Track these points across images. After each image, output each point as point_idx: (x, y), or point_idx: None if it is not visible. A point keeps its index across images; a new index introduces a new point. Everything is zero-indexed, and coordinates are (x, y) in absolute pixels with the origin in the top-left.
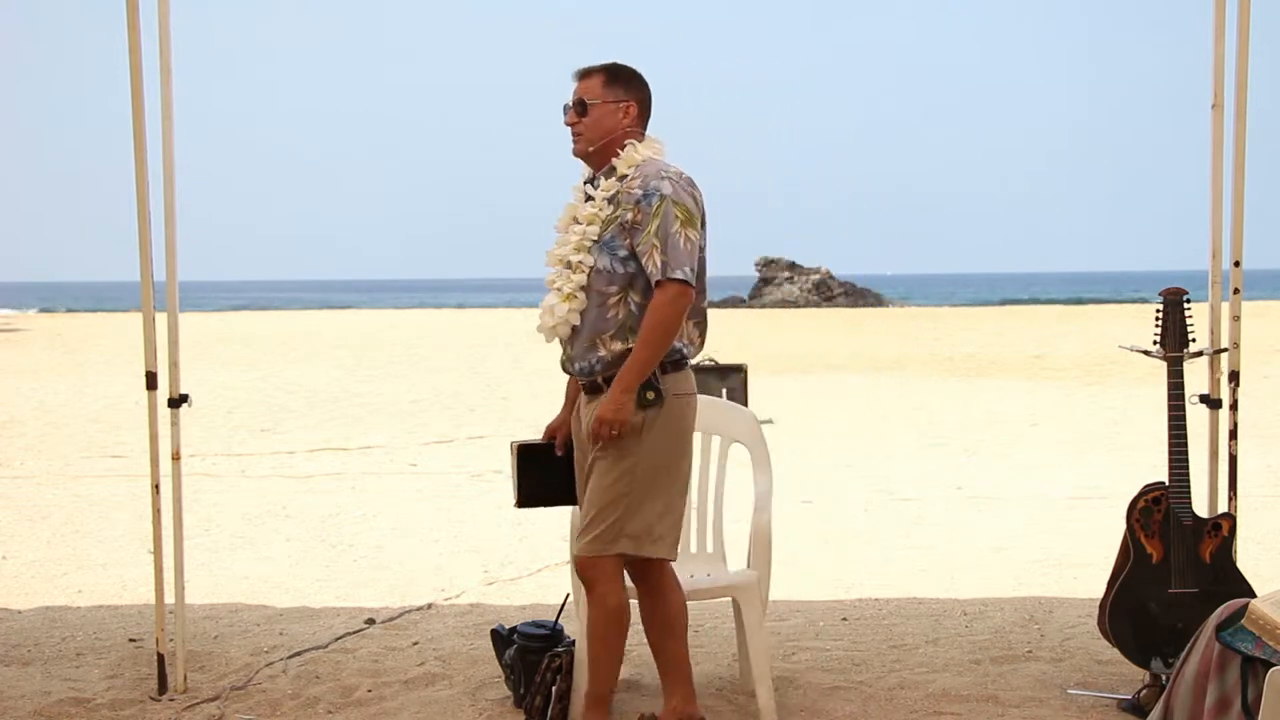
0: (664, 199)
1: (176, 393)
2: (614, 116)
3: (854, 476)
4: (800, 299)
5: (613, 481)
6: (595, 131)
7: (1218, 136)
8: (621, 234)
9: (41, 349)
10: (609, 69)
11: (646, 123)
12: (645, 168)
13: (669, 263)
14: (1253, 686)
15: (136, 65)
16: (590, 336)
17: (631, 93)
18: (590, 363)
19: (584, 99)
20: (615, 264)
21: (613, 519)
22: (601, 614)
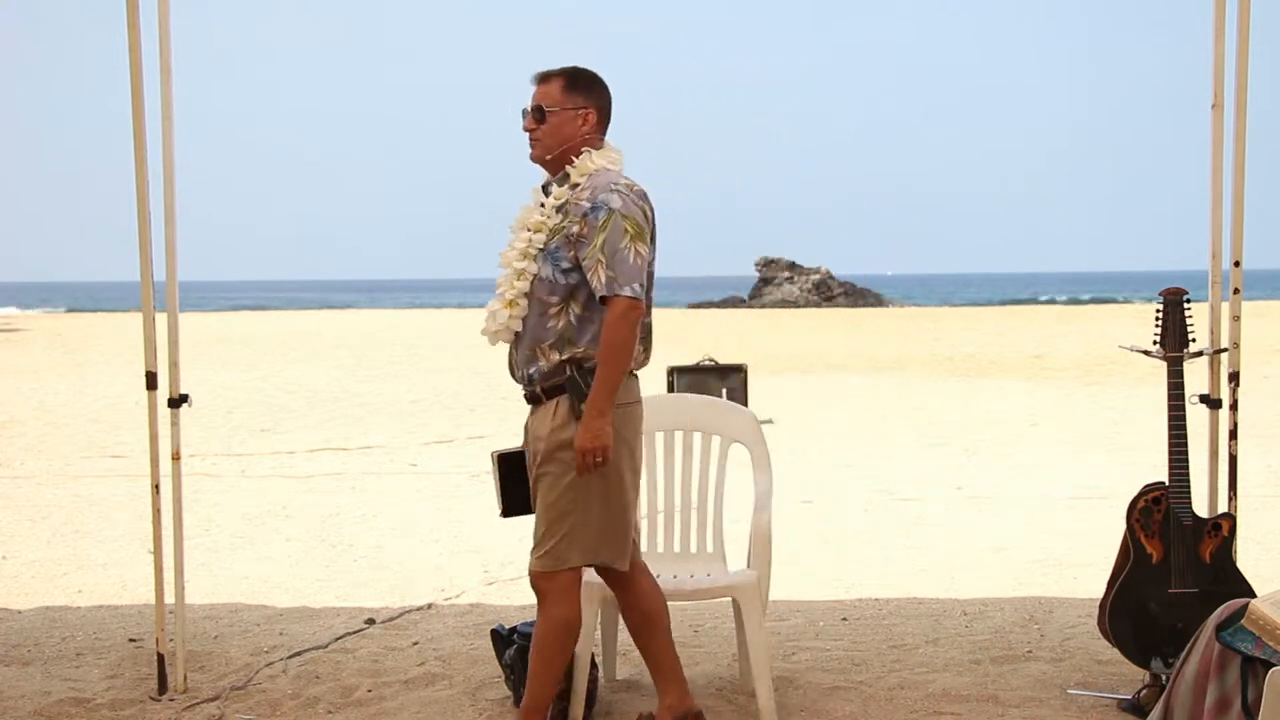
0: (612, 213)
1: (176, 393)
2: (573, 124)
3: (854, 476)
4: (800, 299)
5: (558, 496)
6: (553, 139)
7: (1218, 136)
8: (566, 245)
9: (41, 349)
10: (569, 74)
11: (606, 129)
12: (597, 178)
13: (616, 279)
14: (1253, 686)
15: (136, 65)
16: (530, 345)
17: (591, 99)
18: (529, 372)
19: (543, 105)
20: (557, 274)
21: (562, 533)
22: (548, 627)
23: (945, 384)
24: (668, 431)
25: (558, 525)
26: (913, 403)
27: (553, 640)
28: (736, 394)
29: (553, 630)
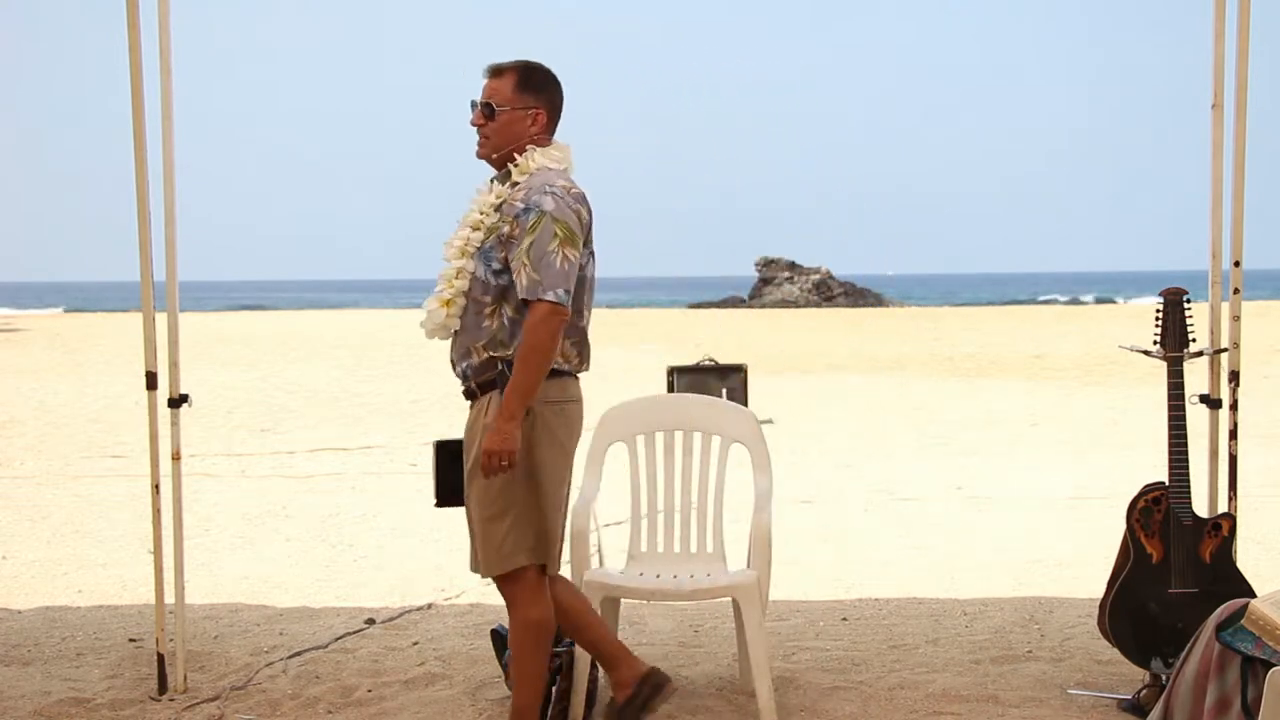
0: (544, 215)
1: (176, 393)
2: (521, 123)
3: (854, 476)
4: (800, 299)
5: (493, 497)
6: (501, 137)
7: (1218, 136)
8: (499, 245)
9: (41, 349)
10: (521, 72)
11: (555, 129)
12: (534, 179)
13: (540, 282)
14: (1253, 686)
15: (136, 65)
16: (465, 343)
17: (542, 99)
18: (463, 368)
19: (492, 102)
20: (489, 275)
21: (502, 534)
22: (522, 631)
23: (945, 384)
24: (668, 431)
25: (494, 525)
26: (913, 403)
27: (529, 643)
28: (736, 394)
29: (528, 633)
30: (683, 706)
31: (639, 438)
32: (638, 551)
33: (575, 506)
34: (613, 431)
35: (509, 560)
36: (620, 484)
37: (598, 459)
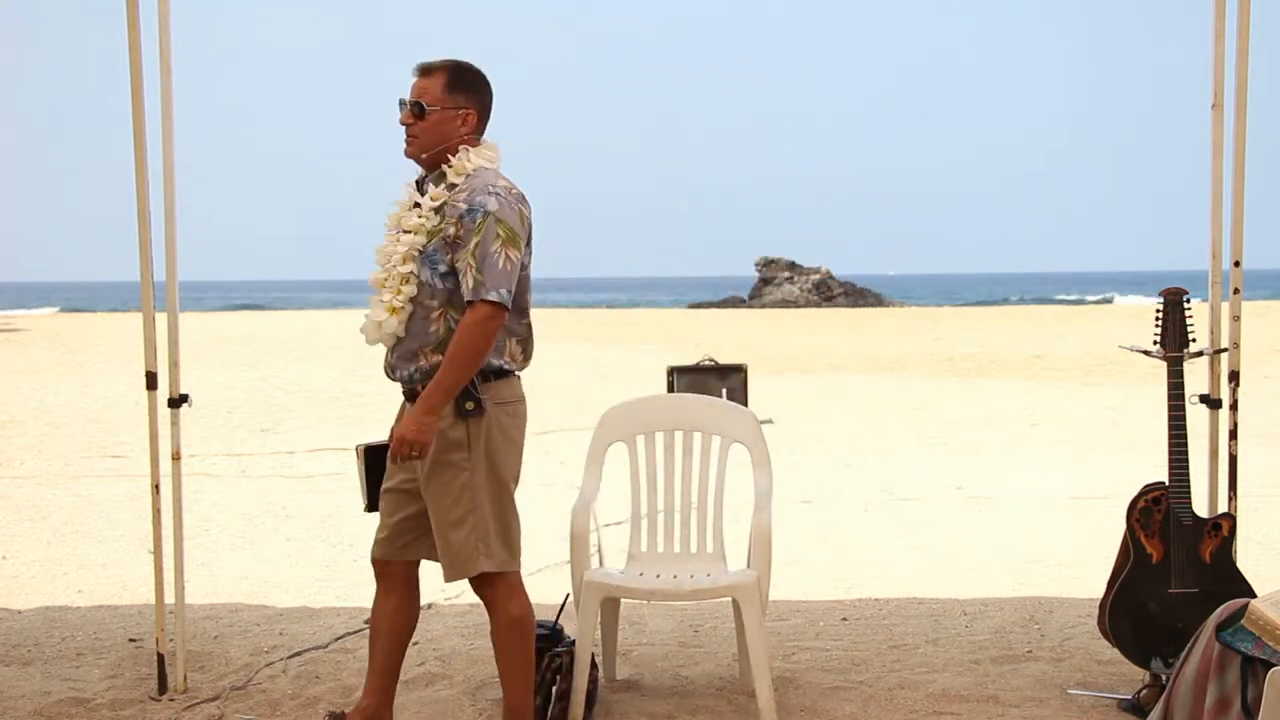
0: (488, 215)
1: (176, 393)
2: (452, 123)
3: (854, 476)
4: (800, 299)
5: (454, 500)
6: (430, 137)
7: (1218, 136)
8: (444, 248)
9: (41, 349)
10: (452, 71)
11: (484, 129)
12: (474, 180)
13: (484, 283)
14: (1253, 686)
15: (136, 65)
16: (412, 347)
17: (473, 100)
18: (410, 372)
19: (422, 102)
20: (435, 279)
21: (463, 537)
22: (505, 627)
23: (945, 384)
24: (668, 431)
25: (458, 529)
26: (913, 403)
27: (515, 641)
28: (736, 394)
29: (512, 631)
30: (683, 706)
31: (639, 438)
32: (638, 551)
33: (575, 506)
34: (613, 431)
35: (472, 564)
36: (620, 484)
37: (598, 459)
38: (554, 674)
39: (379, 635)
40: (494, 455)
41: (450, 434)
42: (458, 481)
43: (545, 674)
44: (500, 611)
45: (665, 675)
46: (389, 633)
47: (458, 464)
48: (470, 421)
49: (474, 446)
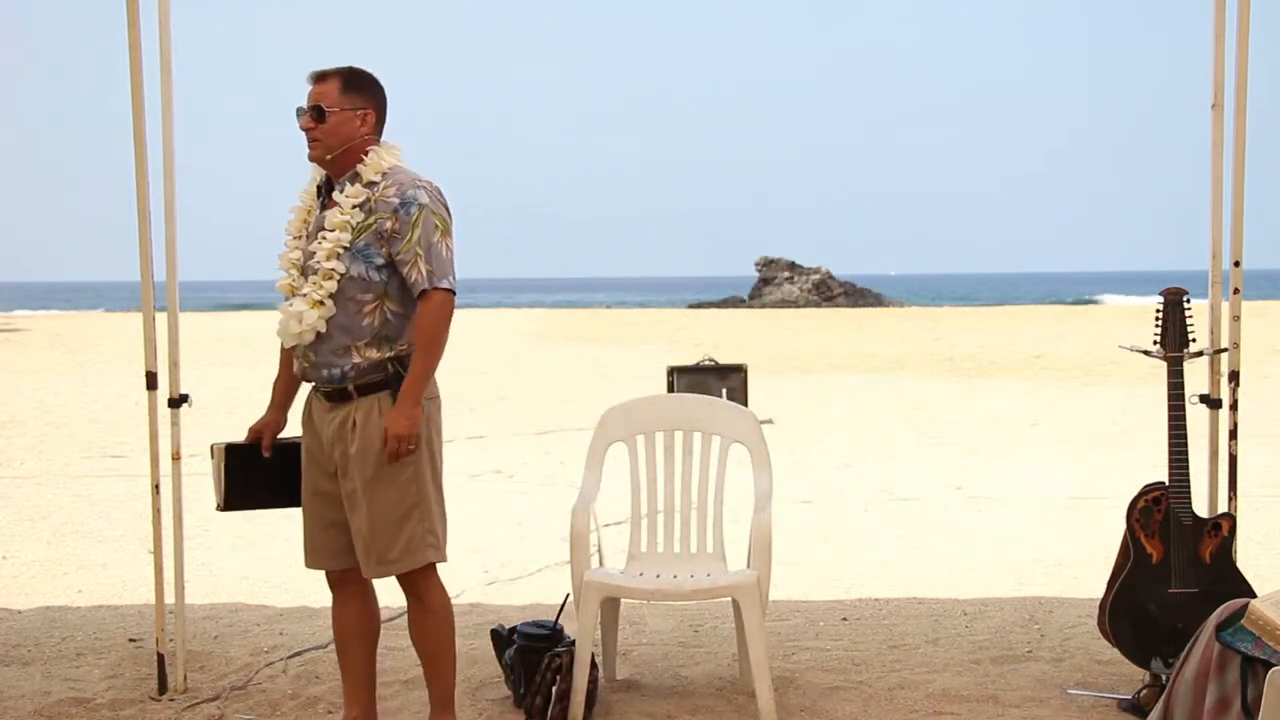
0: (423, 208)
1: (176, 393)
2: (352, 124)
3: (854, 476)
4: (800, 299)
5: (401, 493)
6: (333, 139)
7: (1218, 136)
8: (378, 242)
9: (41, 349)
10: (345, 75)
11: (383, 129)
12: (396, 175)
13: (435, 272)
14: (1252, 686)
15: (136, 65)
16: (343, 343)
17: (369, 100)
18: (342, 369)
19: (321, 105)
20: (371, 271)
21: (411, 529)
22: (440, 617)
23: (945, 384)
24: (668, 431)
25: (406, 522)
26: (913, 403)
27: (448, 630)
28: (736, 394)
29: (445, 621)
30: (683, 706)
31: (639, 438)
32: (638, 551)
33: (575, 506)
34: (613, 431)
35: (422, 554)
36: (620, 484)
37: (598, 459)
38: (554, 674)
39: (352, 642)
40: (431, 446)
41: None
42: (404, 475)
43: (545, 674)
44: (431, 601)
45: (665, 675)
46: (362, 639)
47: (404, 460)
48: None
49: (417, 439)
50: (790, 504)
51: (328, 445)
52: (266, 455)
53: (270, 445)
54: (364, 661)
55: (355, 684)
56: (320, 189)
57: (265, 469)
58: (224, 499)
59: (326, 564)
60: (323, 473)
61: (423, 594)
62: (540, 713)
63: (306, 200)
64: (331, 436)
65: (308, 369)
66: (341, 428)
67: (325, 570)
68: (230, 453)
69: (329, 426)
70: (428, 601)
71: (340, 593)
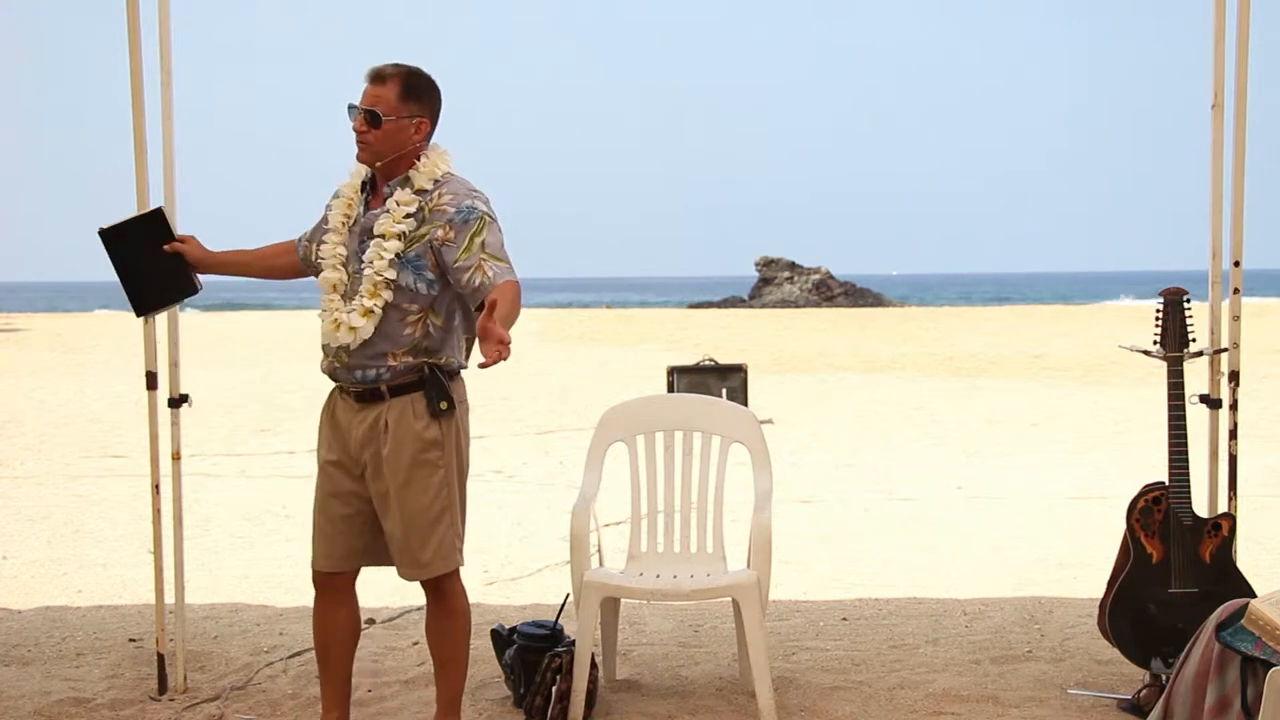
0: (483, 215)
1: (176, 393)
2: (405, 132)
3: (854, 476)
4: (800, 299)
5: (433, 498)
6: (385, 146)
7: (1218, 136)
8: (429, 253)
9: (41, 349)
10: (406, 80)
11: (433, 135)
12: (451, 185)
13: (509, 267)
14: (1252, 686)
15: (137, 65)
16: (381, 349)
17: (425, 108)
18: (378, 371)
19: (378, 111)
20: (420, 284)
21: (443, 533)
22: (462, 624)
23: (945, 384)
24: (668, 431)
25: (437, 525)
26: (913, 403)
27: (464, 635)
28: (736, 394)
29: (465, 624)
30: (683, 706)
31: (639, 438)
32: (638, 551)
33: (575, 506)
34: (613, 431)
35: (452, 558)
36: (620, 484)
37: (598, 459)
38: (554, 674)
39: (335, 646)
40: (461, 451)
41: (426, 434)
42: (435, 479)
43: (545, 674)
44: (455, 605)
45: (665, 675)
46: (346, 642)
47: (435, 462)
48: (443, 420)
49: (446, 444)
50: (790, 504)
51: (355, 447)
52: (168, 249)
53: (174, 250)
54: (345, 664)
55: (335, 687)
56: (365, 185)
57: (157, 254)
58: (112, 226)
59: (341, 566)
60: (347, 474)
61: (447, 596)
62: (540, 713)
63: (349, 194)
64: (361, 438)
65: (338, 369)
66: (373, 429)
67: (314, 571)
68: (156, 216)
69: (358, 428)
70: (451, 604)
71: (330, 595)
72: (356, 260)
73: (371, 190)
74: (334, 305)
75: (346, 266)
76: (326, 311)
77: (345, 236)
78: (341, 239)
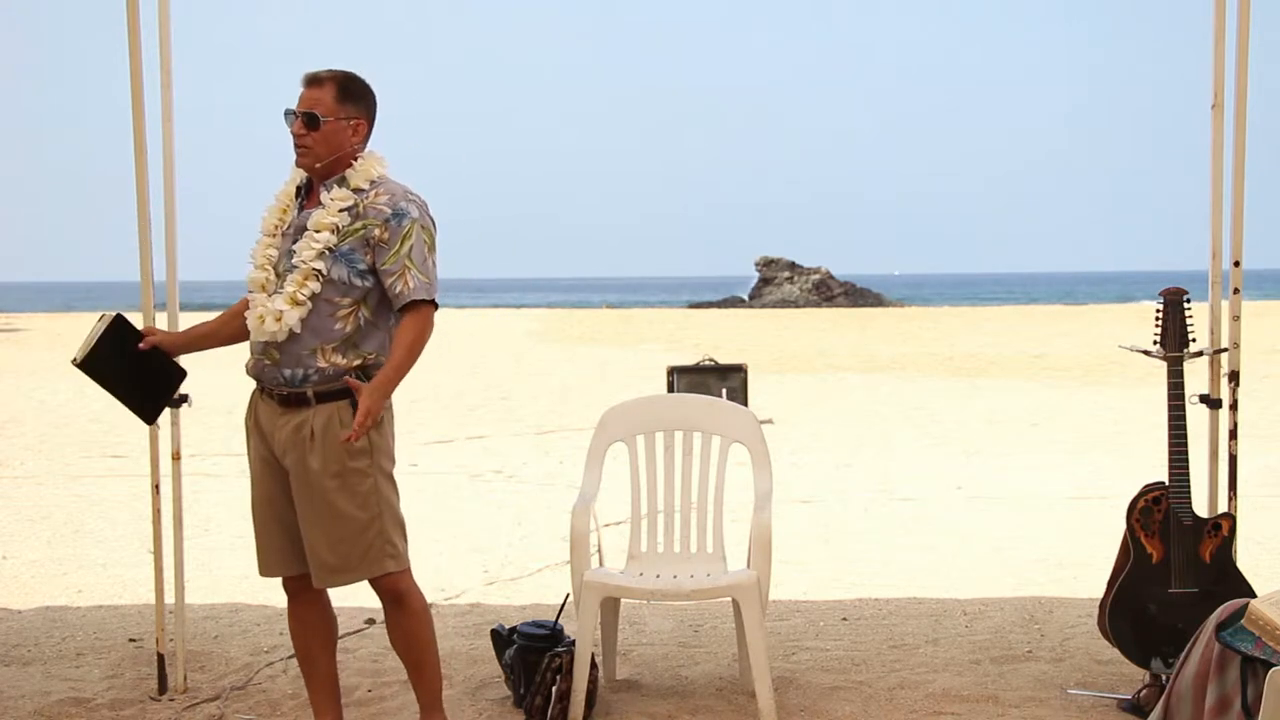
0: (414, 221)
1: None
2: (344, 133)
3: (854, 476)
4: (800, 299)
5: (359, 506)
6: (324, 148)
7: (1218, 136)
8: (363, 248)
9: (41, 349)
10: (341, 83)
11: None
12: (388, 185)
13: (428, 284)
14: (1252, 686)
15: (136, 65)
16: (311, 345)
17: (362, 110)
18: (305, 371)
19: (315, 113)
20: (353, 276)
21: (370, 539)
22: (423, 618)
23: (945, 384)
24: (668, 431)
25: (365, 533)
26: (913, 403)
27: (427, 634)
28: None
29: (423, 624)
30: (683, 706)
31: (639, 438)
32: (638, 551)
33: (575, 506)
34: (613, 431)
35: (379, 564)
36: (620, 484)
37: (598, 459)
38: (554, 674)
39: (316, 650)
40: (386, 455)
41: (354, 443)
42: (364, 486)
43: (545, 674)
44: (408, 606)
45: (665, 675)
46: (326, 645)
47: (363, 470)
48: (371, 431)
49: (374, 450)
50: (790, 504)
51: (279, 451)
52: (142, 347)
53: (150, 347)
54: (329, 667)
55: (323, 692)
56: (300, 189)
57: (134, 359)
58: (84, 355)
59: (282, 571)
60: (274, 479)
61: (402, 598)
62: (540, 713)
63: (284, 200)
64: (285, 443)
65: (267, 367)
66: (296, 434)
67: (283, 577)
68: (119, 322)
69: (281, 431)
70: (408, 605)
71: (300, 599)
72: (287, 260)
73: (306, 195)
74: (259, 302)
75: (275, 267)
76: (252, 309)
77: (277, 240)
78: (273, 241)
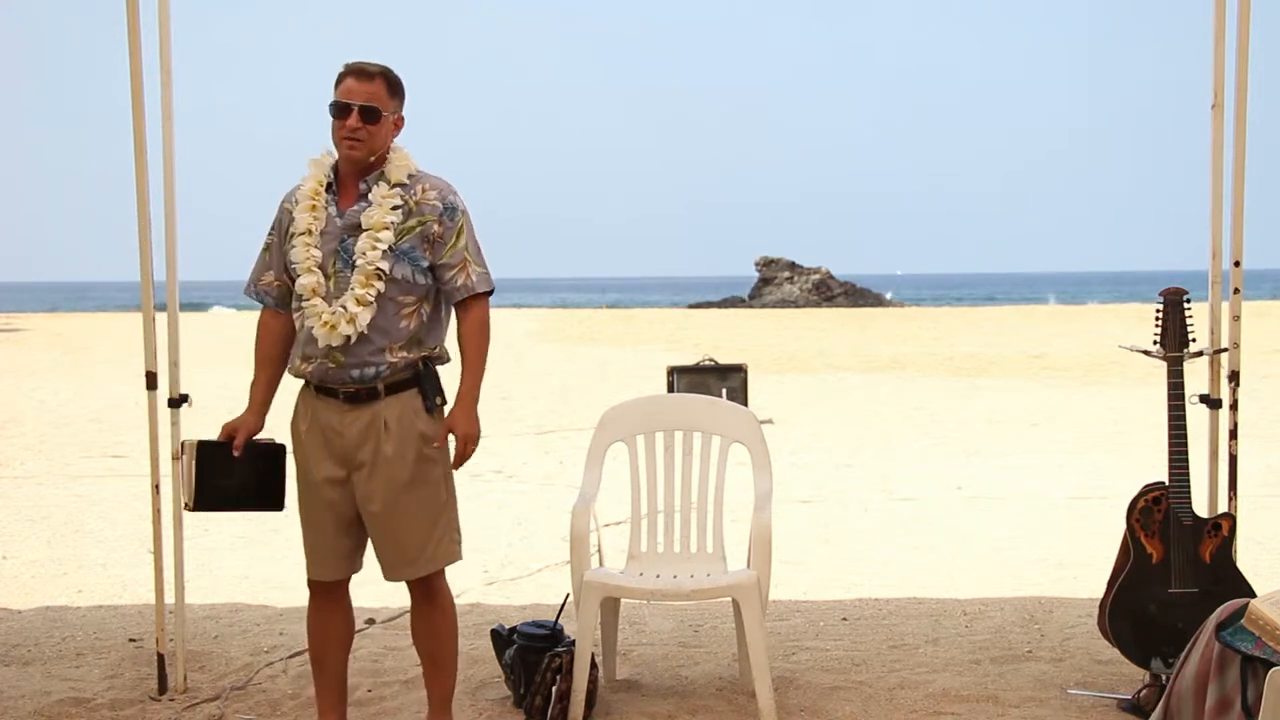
0: (464, 213)
1: (177, 392)
2: (390, 128)
3: (854, 476)
4: (800, 299)
5: (434, 494)
6: (378, 141)
7: (1218, 136)
8: (423, 244)
9: (41, 349)
10: (389, 78)
11: None
12: (429, 180)
13: (486, 275)
14: (1253, 686)
15: (136, 65)
16: (379, 344)
17: (400, 105)
18: (376, 369)
19: (376, 107)
20: (416, 274)
21: (443, 529)
22: (452, 620)
23: (945, 384)
24: (668, 431)
25: (438, 520)
26: (913, 403)
27: (455, 630)
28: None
29: (454, 620)
30: (683, 706)
31: (639, 438)
32: (638, 551)
33: (575, 506)
34: (613, 431)
35: (449, 555)
36: (620, 484)
37: (598, 459)
38: (554, 674)
39: (332, 651)
40: (448, 449)
41: (427, 431)
42: (436, 473)
43: (545, 674)
44: (439, 602)
45: (665, 675)
46: (342, 647)
47: (434, 457)
48: (436, 415)
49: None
50: (790, 504)
51: (350, 449)
52: (237, 454)
53: (242, 445)
54: (341, 668)
55: (332, 692)
56: (330, 186)
57: (239, 469)
58: (193, 498)
59: (342, 572)
60: (333, 481)
61: (435, 593)
62: (540, 713)
63: (311, 198)
64: (357, 438)
65: (331, 370)
66: (369, 428)
67: (313, 580)
68: (203, 449)
69: (351, 428)
70: (439, 601)
71: (327, 601)
72: (335, 260)
73: (335, 191)
74: (318, 309)
75: (324, 269)
76: (311, 316)
77: (317, 239)
78: (312, 241)
